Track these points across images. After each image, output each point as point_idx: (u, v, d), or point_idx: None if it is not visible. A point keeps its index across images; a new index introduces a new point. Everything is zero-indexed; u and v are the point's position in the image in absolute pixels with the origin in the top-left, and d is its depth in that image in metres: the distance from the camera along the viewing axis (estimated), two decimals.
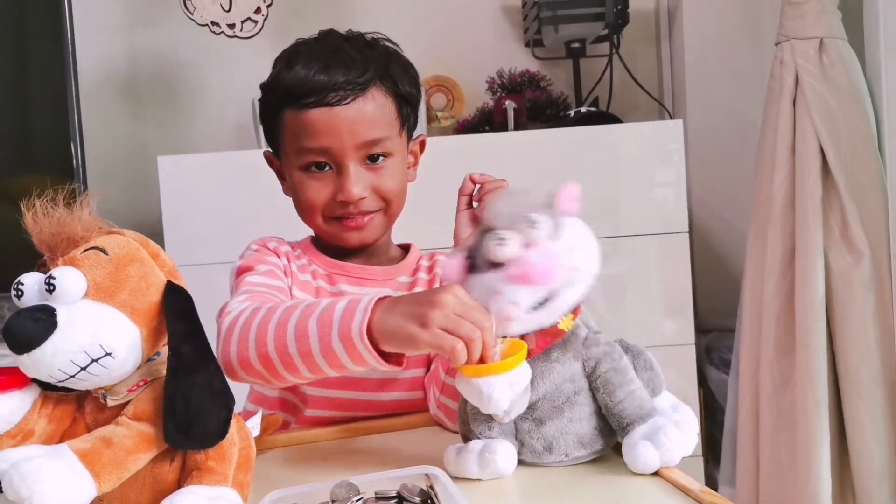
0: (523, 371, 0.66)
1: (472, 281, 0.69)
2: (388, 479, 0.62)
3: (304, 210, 0.99)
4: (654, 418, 0.68)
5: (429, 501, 0.59)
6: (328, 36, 1.00)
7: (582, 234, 0.69)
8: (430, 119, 2.12)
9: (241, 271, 0.94)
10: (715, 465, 1.87)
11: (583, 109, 1.91)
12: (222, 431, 0.60)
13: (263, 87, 1.00)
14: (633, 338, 1.94)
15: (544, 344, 0.70)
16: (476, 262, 0.69)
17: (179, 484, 0.61)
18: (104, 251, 0.60)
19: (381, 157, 0.96)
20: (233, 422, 0.61)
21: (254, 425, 0.67)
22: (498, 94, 2.06)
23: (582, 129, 1.80)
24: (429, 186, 1.20)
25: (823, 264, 1.54)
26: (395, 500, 0.60)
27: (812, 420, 1.51)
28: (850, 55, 1.57)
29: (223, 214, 1.70)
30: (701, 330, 1.97)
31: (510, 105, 1.94)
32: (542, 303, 0.67)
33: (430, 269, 1.05)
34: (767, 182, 1.62)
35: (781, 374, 1.59)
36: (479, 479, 0.69)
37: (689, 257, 1.78)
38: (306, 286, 0.99)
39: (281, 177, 1.04)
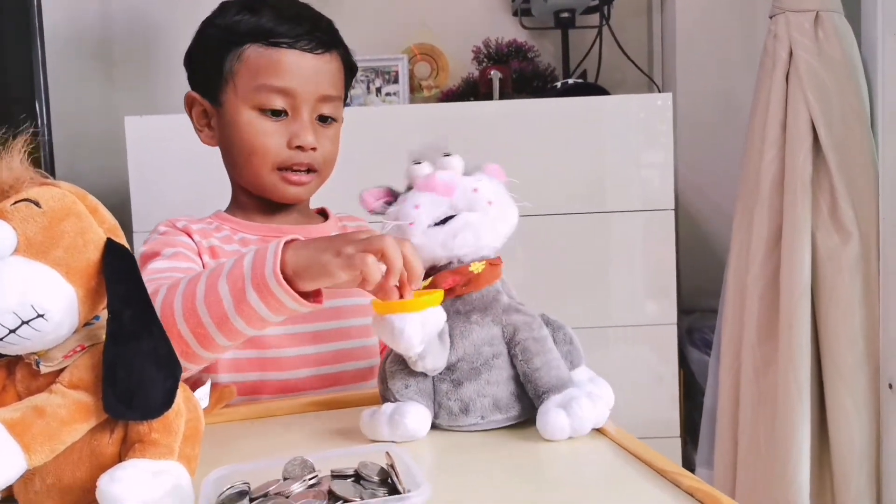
0: (436, 313, 0.68)
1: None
2: (347, 457, 0.58)
3: (251, 153, 0.94)
4: (569, 389, 0.70)
5: (388, 481, 0.55)
6: None
7: (497, 184, 0.73)
8: (413, 88, 2.06)
9: (145, 258, 0.88)
10: (693, 446, 1.85)
11: (570, 81, 1.86)
12: (168, 401, 0.55)
13: (213, 22, 0.96)
14: (615, 317, 1.90)
15: (453, 282, 0.72)
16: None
17: (120, 457, 0.56)
18: (37, 203, 0.55)
19: (329, 119, 0.97)
20: (179, 391, 0.57)
21: (202, 395, 0.62)
22: (484, 64, 2.00)
23: (568, 101, 1.75)
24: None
25: (810, 244, 1.51)
26: (353, 478, 0.56)
27: (793, 403, 1.48)
28: (846, 29, 1.53)
29: (193, 178, 1.63)
30: (683, 310, 1.94)
31: (496, 75, 1.88)
32: (444, 220, 0.71)
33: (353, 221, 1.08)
34: (756, 159, 1.58)
35: (763, 356, 1.56)
36: (443, 453, 0.67)
37: (673, 236, 1.75)
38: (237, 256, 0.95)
39: (202, 122, 1.00)
